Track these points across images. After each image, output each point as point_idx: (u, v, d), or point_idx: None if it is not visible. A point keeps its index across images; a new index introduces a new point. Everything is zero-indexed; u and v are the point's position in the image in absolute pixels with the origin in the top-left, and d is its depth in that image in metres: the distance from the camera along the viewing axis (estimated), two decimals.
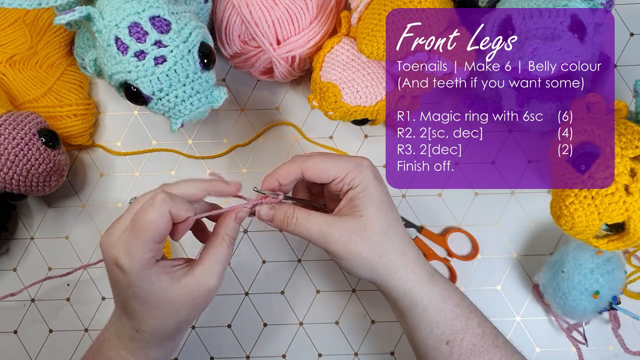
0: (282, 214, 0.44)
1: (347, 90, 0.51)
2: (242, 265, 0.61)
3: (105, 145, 0.61)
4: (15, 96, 0.55)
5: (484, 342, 0.44)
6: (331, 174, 0.44)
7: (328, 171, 0.44)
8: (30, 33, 0.56)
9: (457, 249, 0.59)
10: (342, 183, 0.44)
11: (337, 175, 0.44)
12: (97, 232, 0.61)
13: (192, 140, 0.61)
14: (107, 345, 0.45)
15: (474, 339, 0.44)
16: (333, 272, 0.60)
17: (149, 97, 0.43)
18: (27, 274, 0.61)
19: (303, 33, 0.53)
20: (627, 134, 0.43)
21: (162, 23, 0.42)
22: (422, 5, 0.46)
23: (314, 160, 0.44)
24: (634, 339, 0.57)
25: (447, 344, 0.44)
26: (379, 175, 0.45)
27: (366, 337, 0.60)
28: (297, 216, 0.44)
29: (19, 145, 0.50)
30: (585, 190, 0.42)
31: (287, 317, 0.60)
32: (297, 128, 0.61)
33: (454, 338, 0.44)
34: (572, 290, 0.52)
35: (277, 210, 0.44)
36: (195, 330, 0.61)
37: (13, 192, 0.52)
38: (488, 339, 0.44)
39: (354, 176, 0.44)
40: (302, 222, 0.43)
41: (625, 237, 0.43)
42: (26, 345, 0.61)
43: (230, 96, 0.61)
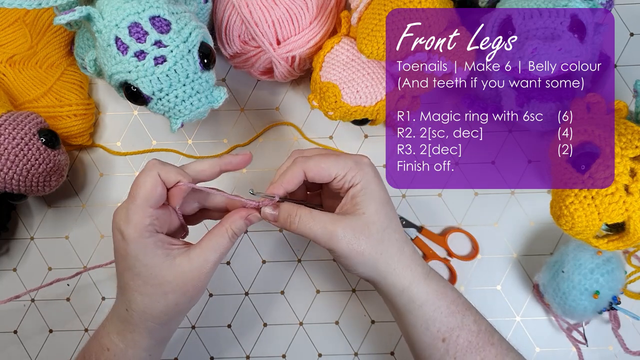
0: (285, 214, 0.44)
1: (347, 90, 0.51)
2: (242, 265, 0.61)
3: (105, 145, 0.61)
4: (15, 96, 0.55)
5: (479, 340, 0.44)
6: (332, 173, 0.44)
7: (329, 170, 0.44)
8: (30, 33, 0.56)
9: (457, 249, 0.59)
10: (343, 181, 0.44)
11: (337, 173, 0.44)
12: (97, 232, 0.61)
13: (192, 140, 0.61)
14: (102, 330, 0.46)
15: (469, 336, 0.44)
16: (333, 272, 0.60)
17: (149, 97, 0.43)
18: (27, 274, 0.61)
19: (303, 33, 0.53)
20: (627, 134, 0.43)
21: (162, 23, 0.42)
22: (422, 5, 0.46)
23: (314, 161, 0.44)
24: (634, 339, 0.57)
25: (443, 341, 0.44)
26: (377, 172, 0.46)
27: (366, 337, 0.60)
28: (300, 215, 0.44)
29: (19, 145, 0.50)
30: (585, 190, 0.42)
31: (287, 317, 0.60)
32: (297, 128, 0.61)
33: (450, 335, 0.44)
34: (572, 290, 0.52)
35: (281, 210, 0.45)
36: (195, 330, 0.61)
37: (13, 192, 0.52)
38: (484, 336, 0.44)
39: (354, 174, 0.44)
40: (306, 221, 0.43)
41: (625, 237, 0.43)
42: (26, 345, 0.61)
43: (230, 96, 0.61)
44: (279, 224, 0.45)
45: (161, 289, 0.42)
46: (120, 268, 0.43)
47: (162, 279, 0.42)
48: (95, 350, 0.46)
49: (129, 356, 0.45)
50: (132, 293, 0.43)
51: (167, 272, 0.42)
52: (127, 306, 0.44)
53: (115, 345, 0.45)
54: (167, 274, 0.42)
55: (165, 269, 0.42)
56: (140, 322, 0.44)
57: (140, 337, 0.44)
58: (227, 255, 0.60)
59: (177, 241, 0.44)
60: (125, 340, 0.45)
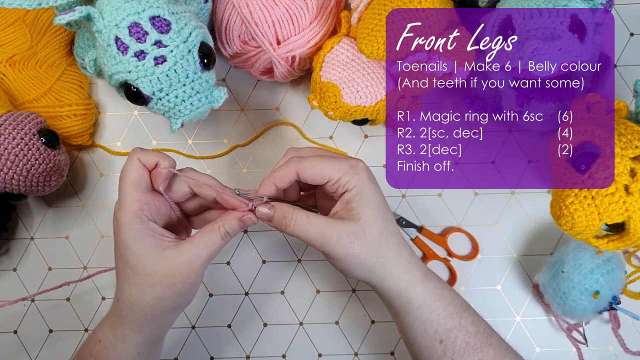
0: (281, 215, 0.44)
1: (347, 90, 0.51)
2: (242, 265, 0.61)
3: (105, 145, 0.61)
4: (15, 96, 0.55)
5: (477, 341, 0.44)
6: (326, 175, 0.44)
7: (323, 173, 0.43)
8: (30, 33, 0.56)
9: (457, 249, 0.59)
10: (337, 185, 0.44)
11: (332, 177, 0.44)
12: (97, 232, 0.61)
13: (192, 140, 0.61)
14: (99, 323, 0.47)
15: (467, 337, 0.44)
16: (333, 272, 0.60)
17: (149, 97, 0.43)
18: (27, 274, 0.61)
19: (303, 33, 0.53)
20: (627, 134, 0.43)
21: (162, 23, 0.42)
22: (422, 5, 0.46)
23: (309, 162, 0.44)
24: (634, 339, 0.57)
25: (440, 342, 0.44)
26: (373, 176, 0.45)
27: (366, 337, 0.60)
28: (296, 218, 0.43)
29: (19, 145, 0.50)
30: (585, 190, 0.42)
31: (287, 317, 0.60)
32: (297, 128, 0.61)
33: (448, 337, 0.44)
34: (572, 290, 0.52)
35: (277, 210, 0.44)
36: (195, 330, 0.61)
37: (13, 192, 0.52)
38: (481, 337, 0.44)
39: (349, 178, 0.43)
40: (302, 224, 0.43)
41: (625, 237, 0.43)
42: (26, 345, 0.61)
43: (230, 96, 0.61)
44: (273, 225, 0.45)
45: (148, 279, 0.42)
46: (115, 258, 0.44)
47: (150, 269, 0.42)
48: (89, 343, 0.47)
49: (117, 350, 0.45)
50: (122, 282, 0.43)
51: (155, 262, 0.42)
52: (118, 297, 0.44)
53: (107, 338, 0.45)
54: (154, 264, 0.42)
55: (154, 258, 0.42)
56: (128, 314, 0.44)
57: (129, 331, 0.45)
58: (227, 255, 0.61)
59: (169, 234, 0.44)
60: (115, 333, 0.45)
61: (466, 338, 0.44)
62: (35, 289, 0.61)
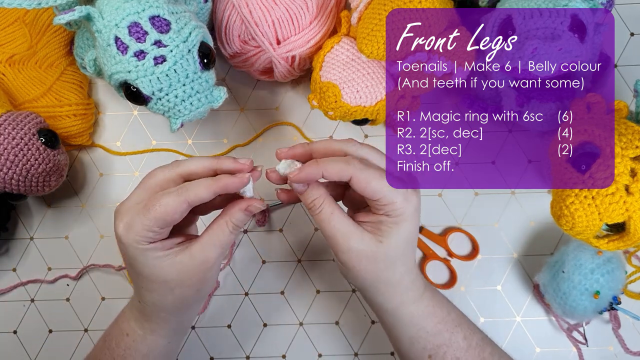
0: (312, 197, 0.42)
1: (347, 90, 0.51)
2: (242, 265, 0.61)
3: (105, 145, 0.61)
4: (15, 96, 0.55)
5: (468, 355, 0.44)
6: (378, 196, 0.41)
7: (376, 193, 0.41)
8: (30, 33, 0.56)
9: (457, 249, 0.59)
10: (383, 206, 0.42)
11: (382, 200, 0.41)
12: (97, 232, 0.61)
13: (192, 140, 0.61)
14: (122, 316, 0.48)
15: (457, 352, 0.44)
16: (333, 272, 0.60)
17: (148, 97, 0.43)
18: (27, 274, 0.61)
19: (303, 33, 0.53)
20: (627, 134, 0.43)
21: (162, 23, 0.42)
22: (422, 5, 0.46)
23: (369, 175, 0.41)
24: (634, 339, 0.57)
25: (429, 357, 0.45)
26: (418, 214, 0.44)
27: (366, 337, 0.60)
28: (323, 207, 0.42)
29: (19, 145, 0.50)
30: (586, 190, 0.42)
31: (287, 317, 0.60)
32: (297, 128, 0.61)
33: (436, 352, 0.44)
34: (573, 290, 0.52)
35: (310, 190, 0.43)
36: (195, 330, 0.61)
37: (13, 192, 0.52)
38: (473, 351, 0.45)
39: (395, 208, 0.42)
40: (324, 216, 0.42)
41: (626, 237, 0.43)
42: (26, 345, 0.61)
43: (230, 96, 0.61)
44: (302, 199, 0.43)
45: (167, 285, 0.42)
46: (126, 265, 0.45)
47: (166, 276, 0.42)
48: (116, 335, 0.47)
49: (148, 342, 0.46)
50: (139, 289, 0.43)
51: (170, 270, 0.41)
52: (139, 299, 0.44)
53: (134, 332, 0.46)
54: (169, 271, 0.41)
55: (167, 267, 0.41)
56: (153, 313, 0.44)
57: (156, 325, 0.45)
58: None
59: (177, 238, 0.43)
60: (143, 327, 0.46)
61: (457, 353, 0.44)
62: (35, 289, 0.61)
